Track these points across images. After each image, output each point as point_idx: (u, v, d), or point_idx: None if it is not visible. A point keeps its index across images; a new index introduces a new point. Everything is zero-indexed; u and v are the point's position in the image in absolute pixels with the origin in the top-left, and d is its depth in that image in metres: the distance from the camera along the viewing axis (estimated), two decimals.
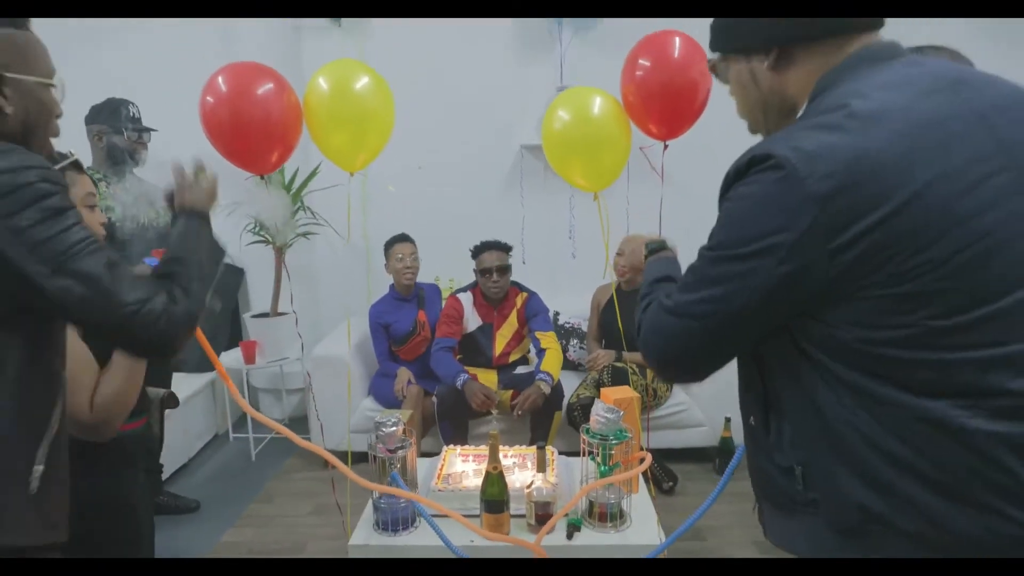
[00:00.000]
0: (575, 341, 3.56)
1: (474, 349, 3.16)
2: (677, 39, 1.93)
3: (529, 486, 1.83)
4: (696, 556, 2.43)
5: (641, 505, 1.94)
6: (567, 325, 3.61)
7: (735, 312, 0.83)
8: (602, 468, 1.83)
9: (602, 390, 2.07)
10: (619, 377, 2.85)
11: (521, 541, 1.67)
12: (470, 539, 1.79)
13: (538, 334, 3.04)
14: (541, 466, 1.81)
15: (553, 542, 1.77)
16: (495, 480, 1.78)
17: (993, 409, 0.73)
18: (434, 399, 2.93)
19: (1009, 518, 0.72)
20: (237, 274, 3.89)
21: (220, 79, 1.77)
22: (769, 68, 0.88)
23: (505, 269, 3.06)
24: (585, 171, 1.98)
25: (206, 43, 3.57)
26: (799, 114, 0.88)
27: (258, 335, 3.43)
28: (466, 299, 3.12)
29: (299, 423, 3.76)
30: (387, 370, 3.20)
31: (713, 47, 0.97)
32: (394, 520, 1.83)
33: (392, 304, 3.25)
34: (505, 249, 3.10)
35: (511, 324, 3.16)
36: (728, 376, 1.00)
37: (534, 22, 3.64)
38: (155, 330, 0.92)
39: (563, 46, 3.66)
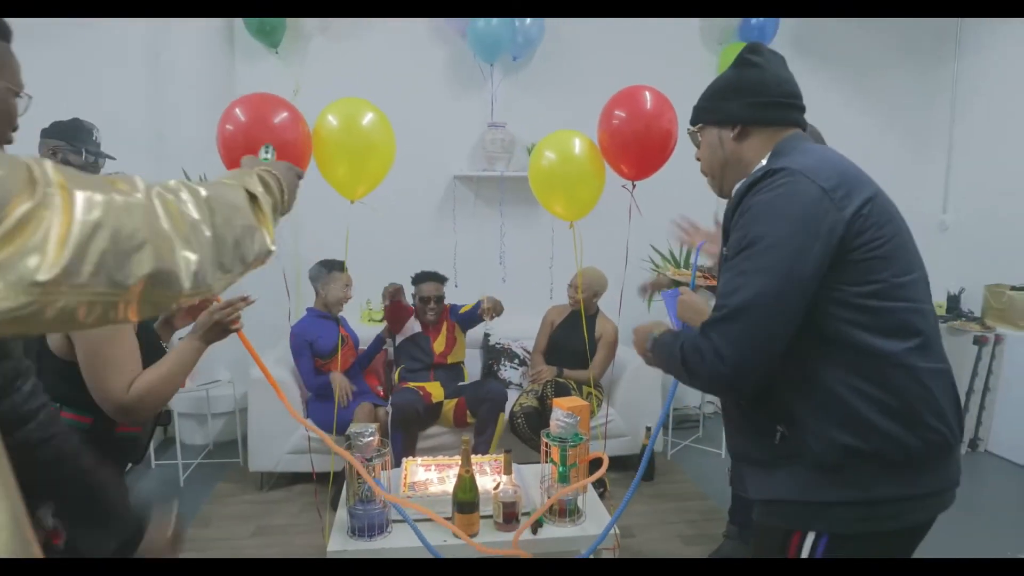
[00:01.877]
0: (505, 362, 3.77)
1: (416, 350, 3.37)
2: (648, 93, 2.22)
3: (496, 487, 2.00)
4: (628, 552, 2.68)
5: (591, 502, 2.16)
6: (498, 346, 3.82)
7: (794, 288, 1.03)
8: (560, 469, 2.04)
9: (554, 400, 2.27)
10: (561, 391, 3.09)
11: (513, 552, 1.83)
12: (443, 539, 1.93)
13: (461, 310, 3.44)
14: (508, 468, 1.99)
15: (520, 537, 1.95)
16: (467, 483, 1.94)
17: (919, 347, 1.08)
18: (388, 410, 3.00)
19: (932, 428, 1.07)
20: None
21: (238, 109, 1.87)
22: (733, 138, 1.24)
23: (440, 299, 3.37)
24: (566, 203, 2.24)
25: (137, 61, 3.53)
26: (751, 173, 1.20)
27: None
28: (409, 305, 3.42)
29: (225, 448, 3.70)
30: (320, 389, 3.19)
31: (694, 121, 1.31)
32: (369, 526, 1.93)
33: (314, 322, 3.23)
34: (441, 280, 3.40)
35: (443, 331, 3.43)
36: (647, 388, 1.20)
37: (466, 61, 3.89)
38: None
39: (494, 85, 3.93)
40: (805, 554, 1.11)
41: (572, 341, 3.35)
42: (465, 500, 1.94)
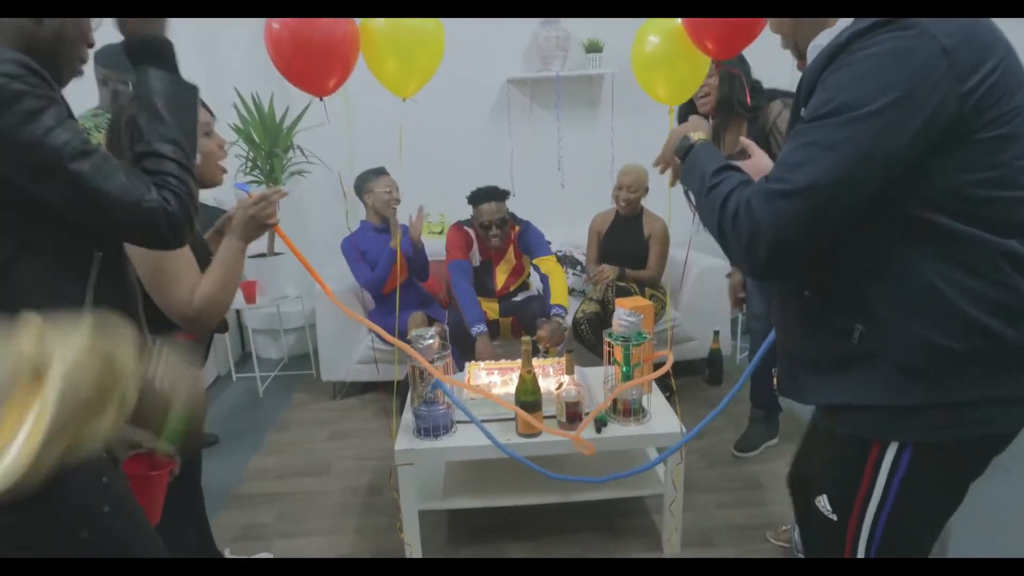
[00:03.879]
0: (568, 269, 3.70)
1: (477, 282, 3.18)
2: None
3: (559, 388, 1.98)
4: (691, 451, 2.65)
5: (657, 402, 2.12)
6: (559, 253, 3.74)
7: (873, 171, 0.87)
8: (624, 369, 1.99)
9: (617, 300, 2.21)
10: (623, 294, 3.00)
11: (566, 433, 1.83)
12: (507, 438, 1.95)
13: (537, 261, 3.14)
14: (570, 368, 1.96)
15: (585, 436, 1.94)
16: (529, 382, 1.92)
17: None
18: (446, 327, 2.99)
19: None
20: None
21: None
22: None
23: (504, 221, 3.02)
24: (667, 84, 2.09)
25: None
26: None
27: (256, 275, 3.46)
28: (469, 230, 3.13)
29: (299, 361, 3.85)
30: (379, 287, 3.11)
31: None
32: (434, 427, 1.96)
33: (366, 234, 3.16)
34: (502, 198, 3.02)
35: (508, 259, 3.20)
36: (714, 290, 1.03)
37: None
38: (156, 225, 0.94)
39: None
40: (886, 468, 1.00)
41: (625, 245, 3.21)
42: (527, 400, 1.93)
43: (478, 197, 3.00)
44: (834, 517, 1.08)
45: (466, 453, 1.96)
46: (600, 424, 1.99)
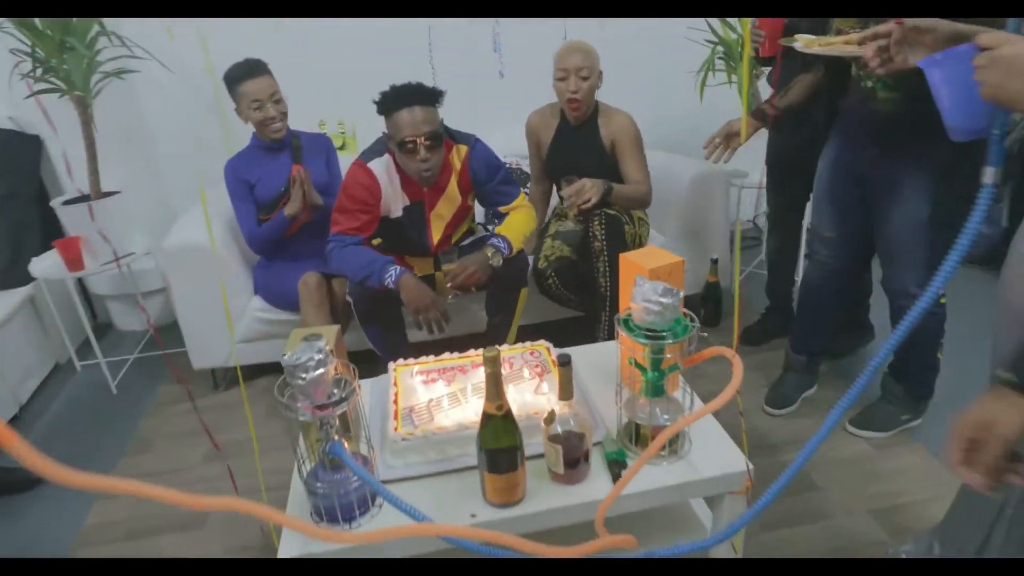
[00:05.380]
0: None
1: (399, 239, 2.18)
2: None
3: (548, 419, 1.19)
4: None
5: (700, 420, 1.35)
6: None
7: None
8: (651, 376, 1.21)
9: (630, 257, 1.38)
10: (614, 228, 2.14)
11: (607, 542, 1.01)
12: (473, 511, 1.16)
13: (503, 209, 2.15)
14: (566, 390, 1.16)
15: (593, 493, 1.18)
16: (501, 427, 1.12)
17: None
18: (348, 299, 2.10)
19: None
20: (31, 145, 2.74)
21: None
22: None
23: (437, 138, 1.91)
24: None
25: None
26: None
27: (79, 228, 2.43)
28: (380, 168, 2.00)
29: (170, 333, 2.88)
30: (268, 245, 2.31)
31: None
32: (344, 506, 1.15)
33: (255, 157, 2.30)
34: (431, 101, 1.90)
35: (450, 198, 2.10)
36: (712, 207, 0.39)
37: None
38: None
39: None
40: None
41: (578, 159, 2.27)
42: (499, 447, 1.13)
43: (393, 101, 1.88)
44: None
45: (403, 549, 1.16)
46: (617, 467, 1.23)
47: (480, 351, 1.54)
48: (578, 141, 2.30)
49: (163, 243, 2.24)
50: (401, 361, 1.54)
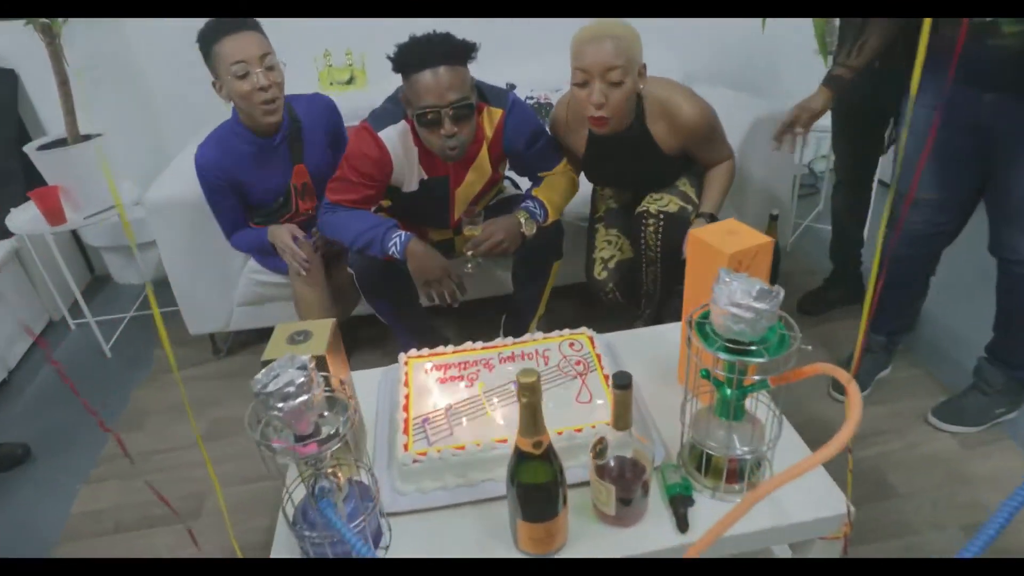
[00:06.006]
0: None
1: (413, 213, 1.83)
2: None
3: (597, 450, 0.93)
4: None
5: (785, 438, 1.07)
6: (532, 102, 2.51)
7: None
8: (728, 394, 0.94)
9: (703, 236, 1.06)
10: (673, 234, 1.65)
11: None
12: (507, 548, 0.93)
13: (542, 174, 1.78)
14: (622, 422, 0.89)
15: (651, 541, 0.94)
16: (539, 466, 0.86)
17: None
18: (350, 272, 1.77)
19: None
20: (5, 80, 2.45)
21: None
22: None
23: (468, 110, 1.51)
24: None
25: None
26: None
27: (58, 177, 2.17)
28: (394, 139, 1.63)
29: (167, 289, 2.65)
30: (256, 245, 1.96)
31: None
32: (341, 556, 0.92)
33: (242, 152, 1.81)
34: (463, 57, 1.49)
35: (479, 170, 1.74)
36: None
37: None
38: None
39: None
40: None
41: (630, 167, 1.72)
42: (536, 482, 0.88)
43: (411, 57, 1.47)
44: None
45: None
46: (682, 504, 0.98)
47: (509, 340, 1.30)
48: (621, 151, 1.69)
49: (146, 195, 1.98)
50: (414, 352, 1.29)
